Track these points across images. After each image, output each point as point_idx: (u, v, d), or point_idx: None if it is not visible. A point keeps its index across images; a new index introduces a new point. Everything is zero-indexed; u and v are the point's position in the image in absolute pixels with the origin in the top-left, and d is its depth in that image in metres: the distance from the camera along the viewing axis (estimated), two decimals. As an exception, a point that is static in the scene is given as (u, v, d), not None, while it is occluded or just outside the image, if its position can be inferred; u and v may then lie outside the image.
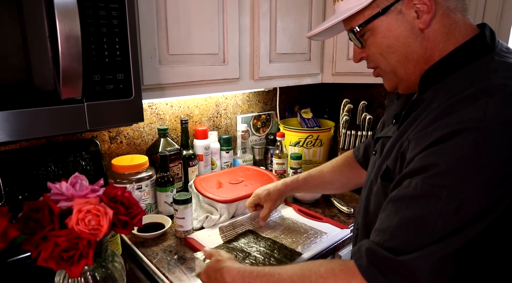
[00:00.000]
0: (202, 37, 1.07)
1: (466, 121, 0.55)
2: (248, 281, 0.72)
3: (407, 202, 0.58)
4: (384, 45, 0.70)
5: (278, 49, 1.30)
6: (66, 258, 0.62)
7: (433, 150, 0.57)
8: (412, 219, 0.56)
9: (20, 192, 1.02)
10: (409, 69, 0.70)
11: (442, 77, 0.65)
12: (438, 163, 0.55)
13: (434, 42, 0.66)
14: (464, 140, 0.54)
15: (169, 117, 1.43)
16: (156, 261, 1.00)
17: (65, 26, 0.68)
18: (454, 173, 0.54)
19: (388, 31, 0.68)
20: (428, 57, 0.67)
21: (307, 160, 1.63)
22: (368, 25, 0.69)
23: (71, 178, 0.71)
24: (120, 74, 0.81)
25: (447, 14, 0.65)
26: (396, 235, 0.57)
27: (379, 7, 0.67)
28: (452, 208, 0.53)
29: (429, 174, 0.56)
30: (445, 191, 0.54)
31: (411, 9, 0.65)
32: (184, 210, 1.09)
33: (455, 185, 0.54)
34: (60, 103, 0.74)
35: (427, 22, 0.64)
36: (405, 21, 0.66)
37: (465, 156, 0.54)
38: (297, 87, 1.84)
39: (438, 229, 0.54)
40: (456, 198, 0.53)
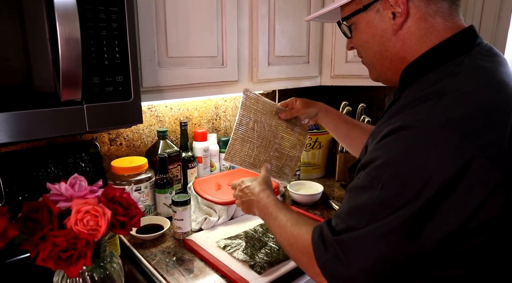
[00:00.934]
0: (201, 40, 1.08)
1: (410, 119, 0.59)
2: (264, 215, 0.90)
3: (355, 192, 0.65)
4: (362, 40, 0.75)
5: (276, 52, 1.31)
6: (64, 258, 0.62)
7: (379, 145, 0.62)
8: (356, 206, 0.63)
9: (20, 193, 1.03)
10: (384, 66, 0.74)
11: (417, 77, 0.68)
12: (379, 157, 0.61)
13: (408, 44, 0.69)
14: (402, 137, 0.59)
15: (169, 119, 1.44)
16: (155, 263, 1.00)
17: (65, 28, 0.69)
18: (388, 167, 0.59)
19: (366, 27, 0.72)
20: (401, 57, 0.70)
21: (306, 163, 1.64)
22: (352, 19, 0.74)
23: (70, 179, 0.71)
24: (120, 76, 0.82)
25: (424, 18, 0.67)
26: (344, 220, 0.65)
27: (361, 4, 0.71)
28: (386, 198, 0.59)
29: (372, 167, 0.62)
30: (380, 183, 0.59)
31: (388, 10, 0.68)
32: (182, 212, 1.10)
33: (388, 179, 0.59)
34: (60, 105, 0.75)
35: (399, 24, 0.68)
36: (381, 20, 0.70)
37: (400, 152, 0.58)
38: (296, 89, 1.84)
39: (373, 216, 0.60)
40: (388, 190, 0.59)
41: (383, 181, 0.59)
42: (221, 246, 1.06)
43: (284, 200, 1.41)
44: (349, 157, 1.60)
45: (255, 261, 0.98)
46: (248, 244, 1.07)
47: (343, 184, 1.60)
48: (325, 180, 1.65)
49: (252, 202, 0.95)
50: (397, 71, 0.72)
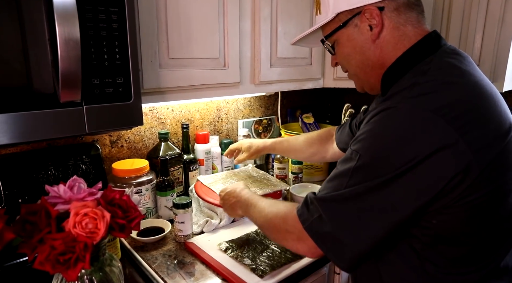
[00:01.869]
0: (202, 41, 1.07)
1: (389, 104, 0.68)
2: (246, 209, 0.96)
3: (338, 166, 0.74)
4: (345, 53, 0.83)
5: (279, 54, 1.30)
6: (62, 261, 0.61)
7: (364, 126, 0.71)
8: (336, 175, 0.73)
9: (20, 196, 1.02)
10: (367, 73, 0.82)
11: (395, 79, 0.75)
12: (361, 134, 0.70)
13: (385, 51, 0.77)
14: (382, 116, 0.68)
15: (170, 121, 1.43)
16: (156, 266, 0.99)
17: (64, 29, 0.68)
18: (366, 140, 0.69)
19: (347, 42, 0.80)
20: (381, 63, 0.78)
21: (309, 165, 1.62)
22: (333, 36, 0.82)
23: (69, 181, 0.71)
24: (120, 77, 0.81)
25: (397, 27, 0.75)
26: (326, 187, 0.74)
27: (340, 21, 0.79)
28: (358, 167, 0.68)
29: (354, 142, 0.71)
30: (358, 154, 0.69)
31: (365, 23, 0.76)
32: (184, 215, 1.09)
33: (365, 150, 0.68)
34: (59, 106, 0.74)
35: (376, 34, 0.76)
36: (360, 33, 0.78)
37: (377, 127, 0.68)
38: (299, 92, 1.84)
39: (350, 182, 0.68)
40: (362, 160, 0.68)
41: (360, 153, 0.68)
42: (222, 249, 1.05)
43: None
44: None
45: (257, 264, 0.97)
46: (250, 247, 1.05)
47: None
48: (328, 182, 1.63)
49: (235, 203, 1.01)
50: (379, 76, 0.79)
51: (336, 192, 0.70)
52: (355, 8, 0.77)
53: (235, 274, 0.94)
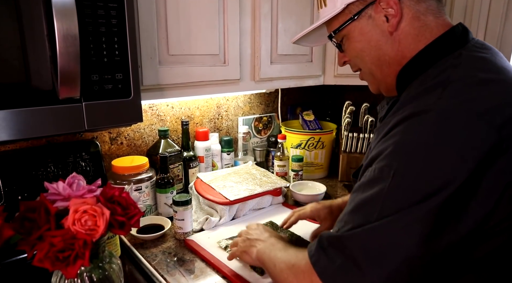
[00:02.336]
0: (202, 38, 1.06)
1: (419, 106, 0.57)
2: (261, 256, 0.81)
3: (363, 188, 0.60)
4: (358, 49, 0.73)
5: (279, 50, 1.30)
6: (62, 258, 0.61)
7: (388, 136, 0.60)
8: (363, 202, 0.58)
9: (19, 193, 1.02)
10: (384, 71, 0.72)
11: (415, 76, 0.67)
12: (389, 145, 0.58)
13: (404, 44, 0.68)
14: (413, 122, 0.57)
15: (170, 119, 1.42)
16: (155, 263, 0.99)
17: (63, 25, 0.68)
18: (400, 152, 0.56)
19: (360, 35, 0.71)
20: (400, 59, 0.69)
21: (309, 163, 1.62)
22: (342, 31, 0.73)
23: (68, 178, 0.70)
24: (119, 74, 0.81)
25: (417, 17, 0.67)
26: (349, 221, 0.59)
27: (351, 13, 0.70)
28: (399, 186, 0.55)
29: (381, 158, 0.59)
30: (392, 171, 0.55)
31: (380, 13, 0.68)
32: (183, 212, 1.09)
33: (401, 164, 0.55)
34: (58, 103, 0.74)
35: (395, 25, 0.67)
36: (375, 25, 0.69)
37: (411, 136, 0.56)
38: (299, 89, 1.83)
39: (383, 208, 0.55)
40: (402, 177, 0.55)
41: (395, 168, 0.55)
42: (222, 246, 1.04)
43: (286, 200, 1.40)
44: (352, 157, 1.58)
45: (257, 262, 0.97)
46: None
47: (346, 184, 1.59)
48: (328, 180, 1.63)
49: (255, 241, 0.87)
50: (396, 75, 0.70)
51: (366, 226, 0.55)
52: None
53: (235, 272, 0.93)
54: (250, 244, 0.87)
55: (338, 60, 0.82)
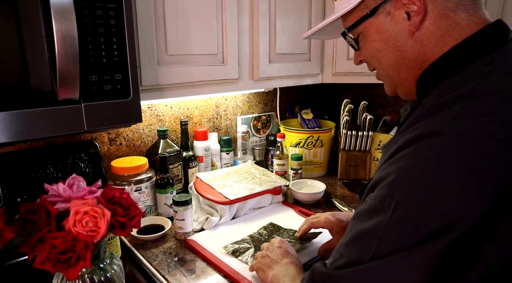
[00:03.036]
0: (201, 37, 1.06)
1: (431, 126, 0.49)
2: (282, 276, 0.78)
3: (362, 217, 0.53)
4: (374, 49, 0.66)
5: (277, 49, 1.30)
6: (63, 260, 0.61)
7: (394, 159, 0.52)
8: (360, 234, 0.52)
9: (18, 195, 1.01)
10: (402, 75, 0.64)
11: (438, 81, 0.59)
12: (393, 171, 0.50)
13: (427, 46, 0.59)
14: (422, 145, 0.48)
15: (169, 119, 1.42)
16: (156, 264, 0.99)
17: (61, 26, 0.67)
18: (404, 181, 0.48)
19: (377, 34, 0.63)
20: (421, 63, 0.61)
21: (308, 161, 1.62)
22: (358, 27, 0.66)
23: (69, 180, 0.70)
24: (118, 74, 0.81)
25: (444, 14, 0.57)
26: (344, 254, 0.54)
27: (367, 8, 0.63)
28: (400, 221, 0.48)
29: (383, 185, 0.51)
30: (393, 202, 0.48)
31: (401, 9, 0.60)
32: (184, 212, 1.09)
33: (404, 195, 0.48)
34: (57, 104, 0.74)
35: (417, 24, 0.59)
36: (394, 23, 0.61)
37: (418, 162, 0.48)
38: (298, 87, 1.83)
39: (380, 247, 0.48)
40: (403, 212, 0.47)
41: (397, 200, 0.48)
42: (229, 251, 1.02)
43: (286, 199, 1.40)
44: (351, 155, 1.58)
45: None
46: (257, 249, 1.02)
47: (345, 182, 1.59)
48: (327, 178, 1.63)
49: (273, 263, 0.84)
50: (416, 79, 0.63)
51: (359, 266, 0.49)
52: None
53: (237, 271, 0.93)
54: (268, 264, 0.84)
55: (354, 58, 0.75)
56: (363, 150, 1.58)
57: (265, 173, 1.40)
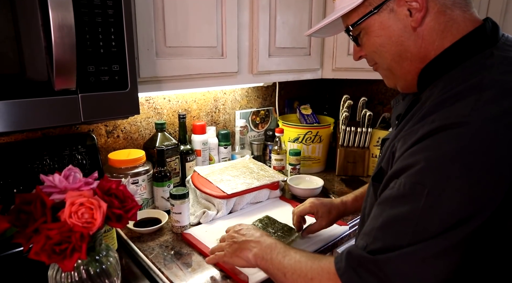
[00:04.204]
0: (200, 30, 1.05)
1: (452, 117, 0.53)
2: (266, 255, 0.77)
3: (391, 202, 0.57)
4: (377, 44, 0.69)
5: (277, 43, 1.29)
6: (58, 251, 0.60)
7: (417, 148, 0.56)
8: (394, 219, 0.55)
9: (14, 186, 1.01)
10: (404, 68, 0.68)
11: (439, 75, 0.63)
12: (420, 160, 0.54)
13: (428, 41, 0.64)
14: (447, 136, 0.53)
15: (167, 112, 1.41)
16: (152, 257, 0.98)
17: (58, 15, 0.66)
18: (435, 170, 0.52)
19: (380, 30, 0.67)
20: (423, 56, 0.65)
21: (306, 157, 1.62)
22: (361, 24, 0.69)
23: (65, 171, 0.69)
24: (116, 65, 0.80)
25: (443, 11, 0.63)
26: (378, 237, 0.57)
27: (371, 6, 0.66)
28: (434, 207, 0.51)
29: (411, 172, 0.55)
30: (426, 189, 0.52)
31: (403, 7, 0.64)
32: (180, 205, 1.08)
33: (436, 183, 0.52)
34: (53, 94, 0.73)
35: (419, 20, 0.63)
36: (397, 19, 0.65)
37: (447, 152, 0.52)
38: (297, 82, 1.82)
39: (418, 230, 0.52)
40: (438, 197, 0.51)
41: (429, 187, 0.52)
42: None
43: (283, 194, 1.39)
44: (349, 151, 1.58)
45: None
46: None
47: (343, 178, 1.59)
48: (325, 174, 1.63)
49: (247, 243, 0.82)
50: (418, 72, 0.67)
51: (404, 250, 0.53)
52: None
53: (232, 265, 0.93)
54: (240, 247, 0.82)
55: (354, 54, 0.77)
56: (362, 146, 1.58)
57: (263, 168, 1.40)
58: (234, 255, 0.83)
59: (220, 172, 1.33)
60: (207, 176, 1.29)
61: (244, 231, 0.86)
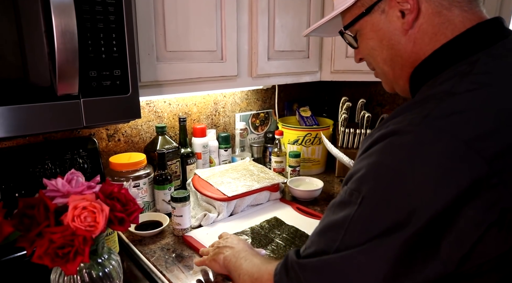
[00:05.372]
0: (200, 34, 1.06)
1: (404, 123, 0.50)
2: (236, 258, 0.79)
3: (333, 209, 0.56)
4: (370, 47, 0.67)
5: (276, 47, 1.30)
6: (61, 255, 0.61)
7: (367, 154, 0.53)
8: (329, 225, 0.55)
9: (16, 190, 1.01)
10: (396, 73, 0.65)
11: (427, 79, 0.59)
12: (363, 167, 0.52)
13: (420, 45, 0.60)
14: (391, 144, 0.50)
15: (167, 115, 1.42)
16: (154, 259, 0.99)
17: (61, 21, 0.67)
18: (371, 178, 0.50)
19: (372, 32, 0.65)
20: (413, 61, 0.61)
21: (306, 158, 1.63)
22: (355, 26, 0.67)
23: (67, 175, 0.70)
24: (117, 70, 0.81)
25: (438, 12, 0.58)
26: (314, 242, 0.57)
27: (363, 7, 0.64)
28: (363, 216, 0.50)
29: (354, 179, 0.53)
30: (360, 196, 0.50)
31: (395, 8, 0.60)
32: (182, 208, 1.09)
33: (370, 191, 0.50)
34: (56, 99, 0.74)
35: (410, 22, 0.59)
36: (388, 21, 0.62)
37: (386, 161, 0.49)
38: (296, 85, 1.83)
39: (347, 238, 0.51)
40: (367, 206, 0.50)
41: (364, 194, 0.50)
42: None
43: (283, 196, 1.40)
44: (349, 153, 1.59)
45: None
46: (254, 240, 1.05)
47: (343, 180, 1.59)
48: (325, 176, 1.64)
49: (223, 248, 0.86)
50: (409, 77, 0.64)
51: (324, 257, 0.53)
52: None
53: (234, 267, 0.94)
54: (218, 251, 0.86)
55: (354, 56, 0.76)
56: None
57: (263, 170, 1.41)
58: (212, 259, 0.87)
59: (221, 174, 1.34)
60: (207, 179, 1.29)
61: (227, 239, 0.90)
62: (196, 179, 1.31)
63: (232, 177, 1.32)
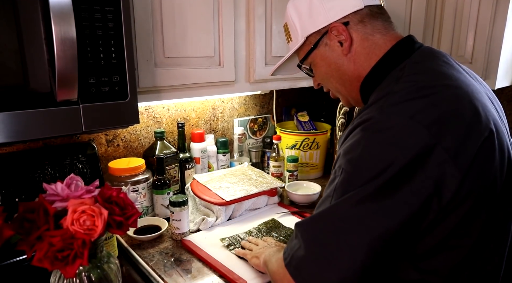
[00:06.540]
0: (197, 40, 1.08)
1: (363, 117, 0.67)
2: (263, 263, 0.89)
3: (325, 190, 0.70)
4: (323, 73, 0.85)
5: (273, 52, 1.31)
6: (61, 258, 0.62)
7: (343, 144, 0.69)
8: (322, 200, 0.69)
9: (16, 195, 1.02)
10: (347, 88, 0.83)
11: (373, 89, 0.75)
12: (341, 153, 0.68)
13: (358, 63, 0.78)
14: (357, 132, 0.66)
15: (166, 120, 1.43)
16: (153, 264, 1.00)
17: (60, 28, 0.69)
18: (345, 154, 0.66)
19: (322, 61, 0.83)
20: (357, 76, 0.79)
21: (304, 163, 1.64)
22: (308, 59, 0.85)
23: (67, 179, 0.71)
24: (116, 76, 0.82)
25: (366, 38, 0.77)
26: (311, 216, 0.69)
27: (311, 44, 0.82)
28: (342, 181, 0.65)
29: (335, 164, 0.70)
30: (341, 169, 0.66)
31: (334, 40, 0.79)
32: (180, 213, 1.10)
33: (348, 162, 0.65)
34: (55, 105, 0.75)
35: (347, 48, 0.78)
36: (331, 50, 0.80)
37: (360, 139, 0.65)
38: (294, 90, 1.84)
39: (330, 201, 0.65)
40: (347, 172, 0.64)
41: (344, 166, 0.65)
42: (225, 244, 1.06)
43: (282, 200, 1.41)
44: (346, 157, 1.60)
45: (254, 261, 0.98)
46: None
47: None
48: (323, 180, 1.65)
49: (266, 249, 0.95)
50: (359, 89, 0.80)
51: (318, 211, 0.67)
52: (322, 29, 0.80)
53: (232, 271, 0.95)
54: (262, 251, 0.95)
55: (313, 83, 0.93)
56: (358, 152, 1.59)
57: (261, 175, 1.42)
58: (255, 257, 0.95)
59: (219, 179, 1.35)
60: (206, 184, 1.30)
61: (269, 243, 1.03)
62: (194, 184, 1.32)
63: (231, 182, 1.33)
